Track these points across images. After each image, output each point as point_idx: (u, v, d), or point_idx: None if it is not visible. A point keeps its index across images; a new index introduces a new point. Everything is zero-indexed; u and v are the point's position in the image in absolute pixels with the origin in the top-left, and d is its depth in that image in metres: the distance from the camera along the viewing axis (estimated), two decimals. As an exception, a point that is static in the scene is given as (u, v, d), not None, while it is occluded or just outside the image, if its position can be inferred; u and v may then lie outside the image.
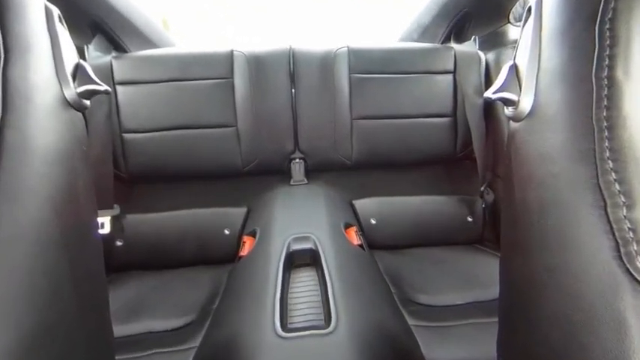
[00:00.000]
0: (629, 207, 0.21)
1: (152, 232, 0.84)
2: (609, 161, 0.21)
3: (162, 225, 0.85)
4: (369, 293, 0.57)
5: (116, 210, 0.81)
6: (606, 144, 0.21)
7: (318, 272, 0.58)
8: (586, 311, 0.22)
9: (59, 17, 0.32)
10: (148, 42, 0.94)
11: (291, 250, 0.62)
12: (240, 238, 0.83)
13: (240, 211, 0.88)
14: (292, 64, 0.92)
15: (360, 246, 0.72)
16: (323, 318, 0.49)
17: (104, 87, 0.36)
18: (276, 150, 0.93)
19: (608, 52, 0.21)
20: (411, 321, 0.59)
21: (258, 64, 0.90)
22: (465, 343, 0.55)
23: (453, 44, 0.95)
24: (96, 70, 0.48)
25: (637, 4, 0.20)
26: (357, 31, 1.52)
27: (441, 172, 0.99)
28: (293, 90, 0.92)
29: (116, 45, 0.88)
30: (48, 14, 0.30)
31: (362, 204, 0.91)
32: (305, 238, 0.64)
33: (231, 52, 0.88)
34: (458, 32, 0.96)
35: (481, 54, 0.92)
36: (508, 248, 0.30)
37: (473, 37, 0.94)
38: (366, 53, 0.91)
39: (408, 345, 0.54)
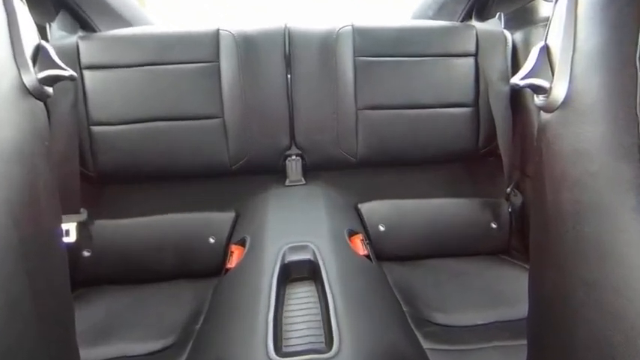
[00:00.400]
0: (680, 211, 0.21)
1: (125, 240, 0.84)
2: None
3: (137, 232, 0.85)
4: (377, 311, 0.57)
5: (83, 215, 0.81)
6: None
7: (317, 287, 0.59)
8: (628, 332, 0.22)
9: None
10: (120, 20, 0.94)
11: (286, 261, 0.62)
12: (227, 247, 0.84)
13: (227, 217, 0.88)
14: (288, 46, 0.92)
15: (367, 256, 0.72)
16: (324, 340, 0.49)
17: (69, 72, 0.36)
18: (270, 145, 0.93)
19: None
20: (426, 344, 0.60)
21: (248, 45, 0.90)
22: None
23: (474, 22, 0.96)
24: (60, 52, 0.48)
25: None
26: (364, 7, 1.52)
27: (460, 171, 0.99)
28: (289, 75, 0.93)
29: (83, 23, 0.88)
30: None
31: (369, 208, 0.92)
32: (302, 248, 0.64)
33: (217, 31, 0.88)
34: (480, 8, 0.96)
35: (507, 34, 0.92)
36: (538, 259, 0.30)
37: (498, 14, 0.95)
38: (374, 33, 0.91)
39: None
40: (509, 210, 0.91)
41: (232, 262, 0.71)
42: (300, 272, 0.62)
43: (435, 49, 0.92)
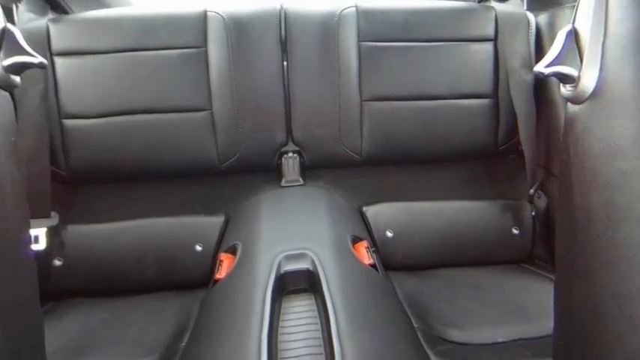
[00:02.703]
0: None
1: (101, 247, 0.84)
2: None
3: (114, 239, 0.85)
4: (384, 328, 0.58)
5: (54, 219, 0.81)
6: None
7: (317, 301, 0.59)
8: None
9: None
10: (94, 0, 0.94)
11: (282, 271, 0.62)
12: (215, 255, 0.84)
13: (215, 221, 0.88)
14: (284, 29, 0.93)
15: (373, 266, 0.72)
16: (324, 359, 0.49)
17: (38, 59, 0.36)
18: (263, 141, 0.93)
19: None
20: None
21: (239, 28, 0.90)
22: None
23: (493, 3, 0.96)
24: (28, 36, 0.48)
25: None
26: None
27: (477, 170, 1.00)
28: (285, 62, 0.93)
29: (54, 4, 0.88)
30: None
31: (375, 212, 0.92)
32: (300, 256, 0.64)
33: (205, 12, 0.89)
34: (500, -13, 0.97)
35: (530, 16, 0.92)
36: (565, 269, 0.30)
37: (520, -7, 0.95)
38: (381, 15, 0.92)
39: None
40: (533, 214, 0.92)
41: (221, 273, 0.71)
42: (297, 284, 0.62)
43: (449, 33, 0.92)
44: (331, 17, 0.92)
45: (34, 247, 0.77)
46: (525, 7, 0.94)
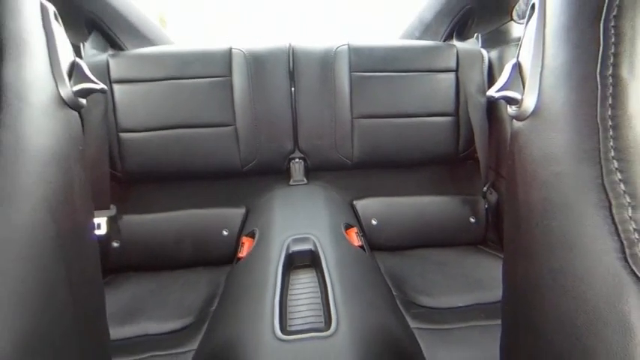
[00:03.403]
0: (635, 207, 0.21)
1: (149, 232, 0.84)
2: (614, 161, 0.21)
3: (159, 226, 0.85)
4: (370, 295, 0.57)
5: (112, 211, 0.81)
6: (611, 143, 0.21)
7: (318, 274, 0.58)
8: (590, 314, 0.22)
9: (55, 14, 0.32)
10: (144, 40, 0.95)
11: (290, 251, 0.62)
12: (238, 239, 0.84)
13: (238, 212, 0.88)
14: (292, 62, 0.92)
15: (361, 247, 0.72)
16: (323, 320, 0.49)
17: (100, 85, 0.36)
18: (276, 149, 0.93)
19: (613, 51, 0.21)
20: (412, 324, 0.60)
21: (257, 62, 0.90)
22: (468, 346, 0.55)
23: (455, 42, 0.96)
24: (92, 68, 0.48)
25: None
26: (358, 28, 1.53)
27: (443, 172, 0.99)
28: (292, 88, 0.93)
29: (112, 43, 0.88)
30: (43, 11, 0.30)
31: (363, 204, 0.92)
32: (305, 239, 0.64)
33: (230, 49, 0.88)
34: (460, 30, 0.96)
35: (484, 52, 0.92)
36: (511, 250, 0.30)
37: (476, 34, 0.95)
38: (367, 51, 0.91)
39: (410, 348, 0.54)
40: (486, 206, 0.91)
41: (243, 252, 0.71)
42: (302, 261, 0.62)
43: (421, 65, 0.92)
44: (329, 53, 0.92)
45: (97, 232, 0.77)
46: (480, 45, 0.94)
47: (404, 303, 0.65)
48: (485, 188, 0.91)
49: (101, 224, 0.78)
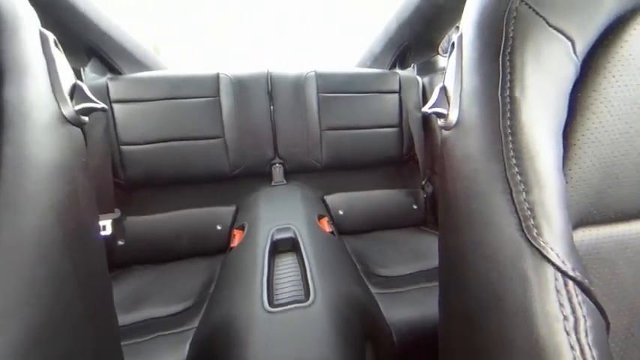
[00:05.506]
0: (527, 192, 0.23)
1: (150, 231, 0.79)
2: (513, 159, 0.23)
3: (160, 225, 0.80)
4: (339, 270, 0.58)
5: (117, 213, 0.75)
6: (510, 146, 0.23)
7: (298, 256, 0.58)
8: (500, 271, 0.23)
9: (55, 42, 0.29)
10: (141, 65, 0.88)
11: (274, 239, 0.61)
12: (230, 232, 0.81)
13: (229, 209, 0.85)
14: (270, 85, 0.91)
15: (332, 233, 0.72)
16: (303, 293, 0.49)
17: (101, 105, 0.33)
18: (259, 156, 0.91)
19: (509, 77, 0.23)
20: (373, 290, 0.61)
21: (240, 85, 0.87)
22: (415, 303, 0.57)
23: (397, 70, 0.99)
24: (93, 90, 0.44)
25: (527, 42, 0.22)
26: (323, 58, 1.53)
27: (391, 171, 1.01)
28: (272, 107, 0.91)
29: (111, 67, 0.81)
30: (43, 39, 0.27)
31: (331, 199, 0.92)
32: (286, 229, 0.63)
33: (217, 75, 0.85)
34: (401, 61, 1.00)
35: (419, 78, 0.96)
36: (444, 228, 0.31)
37: (412, 64, 0.99)
38: (331, 77, 0.92)
39: (372, 309, 0.55)
40: (425, 196, 0.95)
41: (235, 242, 0.69)
42: (285, 247, 0.61)
43: (373, 88, 0.94)
44: (300, 78, 0.91)
45: (103, 233, 0.71)
46: (416, 73, 0.98)
47: (366, 274, 0.66)
48: (423, 182, 0.94)
49: (106, 226, 0.72)
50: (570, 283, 0.21)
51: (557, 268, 0.21)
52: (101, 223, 0.71)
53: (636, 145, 0.24)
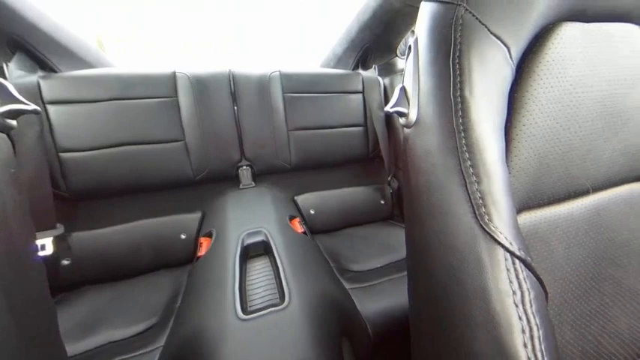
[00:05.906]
0: (478, 183, 0.25)
1: (102, 246, 0.70)
2: (465, 153, 0.25)
3: (114, 238, 0.72)
4: (313, 270, 0.58)
5: (59, 229, 0.65)
6: (463, 142, 0.25)
7: (270, 259, 0.57)
8: (459, 256, 0.25)
9: None
10: (80, 62, 0.78)
11: (245, 244, 0.59)
12: (196, 240, 0.76)
13: (195, 216, 0.80)
14: (233, 85, 0.87)
15: (304, 233, 0.72)
16: (278, 297, 0.48)
17: (32, 106, 0.28)
18: (225, 159, 0.87)
19: (459, 79, 0.25)
20: (347, 285, 0.62)
21: (200, 84, 0.82)
22: (387, 294, 0.59)
23: (360, 71, 1.01)
24: (21, 89, 0.38)
25: (472, 47, 0.24)
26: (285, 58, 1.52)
27: (358, 169, 1.03)
28: (235, 107, 0.87)
29: (42, 64, 0.71)
30: None
31: (302, 199, 0.92)
32: (257, 232, 0.62)
33: (174, 73, 0.79)
34: (363, 62, 1.02)
35: (380, 79, 0.99)
36: (409, 220, 0.32)
37: (374, 66, 1.02)
38: (295, 77, 0.91)
39: (347, 304, 0.56)
40: (391, 191, 0.98)
41: (202, 251, 0.64)
42: (256, 251, 0.59)
43: (337, 88, 0.95)
44: (264, 78, 0.89)
45: (42, 253, 0.62)
46: (377, 74, 1.02)
47: (339, 271, 0.67)
48: (389, 178, 0.98)
49: (46, 244, 0.62)
50: (517, 261, 0.24)
51: (506, 250, 0.24)
52: (39, 241, 0.62)
53: (562, 138, 0.27)
